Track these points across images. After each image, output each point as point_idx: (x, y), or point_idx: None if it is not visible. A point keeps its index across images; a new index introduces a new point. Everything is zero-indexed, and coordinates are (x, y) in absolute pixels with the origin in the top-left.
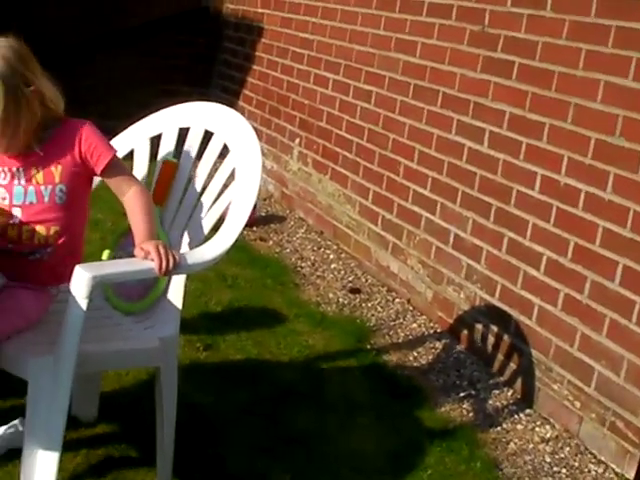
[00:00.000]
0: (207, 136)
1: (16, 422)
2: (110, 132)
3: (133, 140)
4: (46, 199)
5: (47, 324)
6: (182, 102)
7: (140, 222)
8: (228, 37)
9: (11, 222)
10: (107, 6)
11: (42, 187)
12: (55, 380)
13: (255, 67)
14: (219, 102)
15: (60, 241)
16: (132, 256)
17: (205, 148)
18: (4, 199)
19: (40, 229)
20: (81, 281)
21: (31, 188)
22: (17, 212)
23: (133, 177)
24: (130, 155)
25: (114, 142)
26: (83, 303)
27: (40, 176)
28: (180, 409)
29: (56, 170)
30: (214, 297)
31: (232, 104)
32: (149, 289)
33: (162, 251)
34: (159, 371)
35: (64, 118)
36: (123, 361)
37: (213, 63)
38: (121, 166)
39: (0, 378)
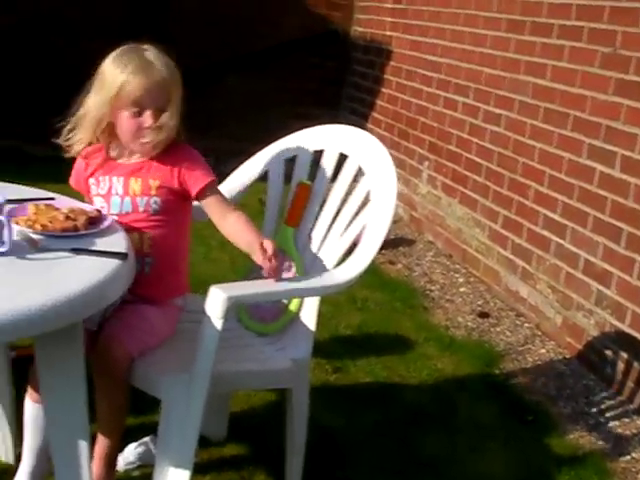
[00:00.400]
0: (341, 159)
1: (147, 439)
2: (240, 153)
3: (268, 162)
4: (141, 209)
5: (177, 342)
6: (312, 124)
7: (251, 232)
8: (357, 60)
9: None
10: (239, 29)
11: (138, 198)
12: (189, 399)
13: (384, 90)
14: (348, 124)
15: (157, 252)
16: (265, 278)
17: (339, 171)
18: (102, 208)
19: (134, 236)
20: (217, 301)
21: (127, 199)
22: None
23: (232, 205)
24: (265, 176)
25: (249, 163)
26: (218, 323)
27: (138, 187)
28: (309, 430)
29: (153, 183)
30: (344, 320)
31: (361, 126)
32: (282, 311)
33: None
34: (290, 393)
35: (175, 140)
36: (255, 382)
37: (342, 85)
38: (219, 193)
39: (131, 395)
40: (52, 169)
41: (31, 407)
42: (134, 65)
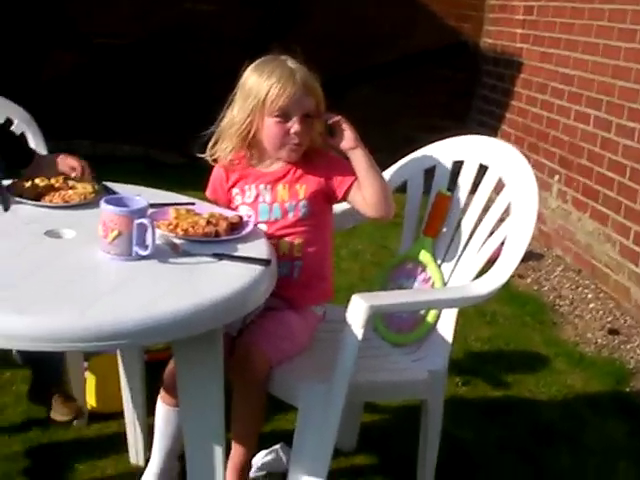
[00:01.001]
0: (482, 170)
1: (277, 447)
2: None
3: (407, 172)
4: (290, 215)
5: (314, 350)
6: (439, 137)
7: None
8: (487, 72)
9: None
10: (369, 40)
11: (287, 204)
12: (326, 408)
13: (514, 102)
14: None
15: (306, 256)
16: (403, 288)
17: (479, 182)
18: (249, 216)
19: (283, 242)
20: (359, 310)
21: (276, 205)
22: (262, 227)
23: None
24: (403, 187)
25: (387, 173)
26: (359, 332)
27: (285, 193)
28: (440, 442)
29: (300, 188)
30: (473, 333)
31: None
32: (419, 321)
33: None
34: (425, 404)
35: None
36: (391, 392)
37: (471, 98)
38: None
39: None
40: (183, 177)
41: (163, 410)
42: (278, 73)
